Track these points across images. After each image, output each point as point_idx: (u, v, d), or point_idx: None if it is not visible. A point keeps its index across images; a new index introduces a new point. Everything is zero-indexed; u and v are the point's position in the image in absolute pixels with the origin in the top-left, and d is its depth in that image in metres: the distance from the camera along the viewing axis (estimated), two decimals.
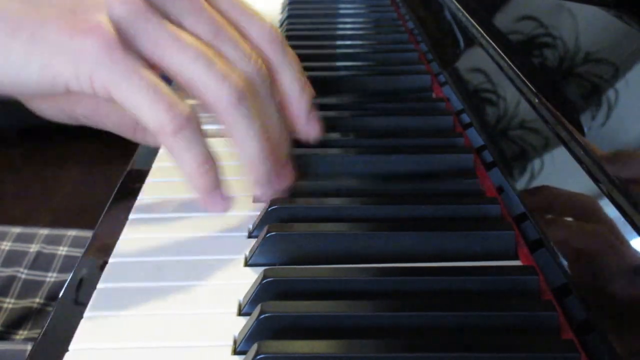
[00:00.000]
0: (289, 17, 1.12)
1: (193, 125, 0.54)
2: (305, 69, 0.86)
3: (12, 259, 0.98)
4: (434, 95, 0.83)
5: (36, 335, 0.74)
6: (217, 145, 0.58)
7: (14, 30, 0.53)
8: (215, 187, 0.56)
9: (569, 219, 0.51)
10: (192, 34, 0.57)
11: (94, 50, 0.52)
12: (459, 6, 0.82)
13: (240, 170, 0.60)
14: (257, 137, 0.57)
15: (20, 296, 0.94)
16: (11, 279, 0.96)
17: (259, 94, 0.59)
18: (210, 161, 0.55)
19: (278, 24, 1.13)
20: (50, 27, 0.53)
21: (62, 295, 0.54)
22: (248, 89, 0.57)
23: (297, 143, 0.66)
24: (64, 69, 0.53)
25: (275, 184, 0.60)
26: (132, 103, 0.53)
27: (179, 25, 0.57)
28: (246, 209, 0.60)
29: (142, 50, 0.54)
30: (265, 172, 0.59)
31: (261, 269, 0.51)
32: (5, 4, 0.54)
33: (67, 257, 0.98)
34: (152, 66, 0.55)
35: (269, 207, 0.58)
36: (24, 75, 0.53)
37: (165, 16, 0.56)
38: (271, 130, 0.60)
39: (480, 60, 0.72)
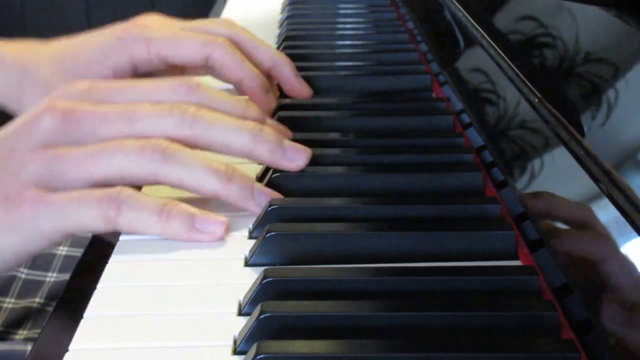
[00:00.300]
0: (288, 17, 1.12)
1: (131, 197, 0.57)
2: (306, 68, 0.86)
3: (2, 274, 0.98)
4: (434, 95, 0.83)
5: (36, 335, 0.74)
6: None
7: None
8: (191, 220, 0.57)
9: (567, 226, 0.51)
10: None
11: (31, 214, 0.57)
12: (459, 6, 0.82)
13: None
14: (204, 168, 0.59)
15: (20, 296, 0.94)
16: (11, 279, 0.95)
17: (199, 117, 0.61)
18: (165, 206, 0.57)
19: (278, 24, 1.13)
20: None
21: (62, 295, 0.55)
22: (169, 145, 0.59)
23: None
24: (16, 241, 0.58)
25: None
26: (81, 227, 0.57)
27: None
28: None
29: (70, 183, 0.58)
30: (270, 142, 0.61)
31: (261, 269, 0.51)
32: None
33: (67, 257, 0.98)
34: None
35: (269, 207, 0.58)
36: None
37: (71, 140, 0.59)
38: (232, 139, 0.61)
39: (480, 60, 0.72)
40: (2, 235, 0.57)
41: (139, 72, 0.80)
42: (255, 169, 0.67)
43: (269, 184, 0.62)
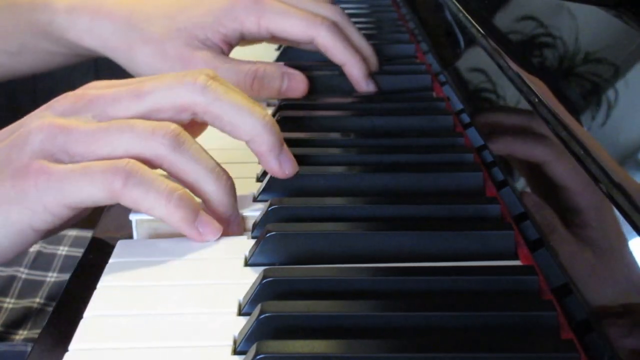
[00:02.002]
0: None
1: (138, 171, 0.55)
2: (306, 68, 0.86)
3: (12, 258, 0.98)
4: (434, 94, 0.83)
5: (36, 335, 0.74)
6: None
7: None
8: (195, 214, 0.56)
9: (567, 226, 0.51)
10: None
11: (35, 186, 0.55)
12: (459, 6, 0.82)
13: (239, 169, 0.60)
14: (208, 170, 0.58)
15: (20, 296, 0.94)
16: (11, 279, 0.96)
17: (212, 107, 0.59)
18: (176, 191, 0.55)
19: None
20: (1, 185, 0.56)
21: (62, 295, 0.55)
22: (180, 134, 0.57)
23: (296, 143, 0.66)
24: (20, 216, 0.56)
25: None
26: (85, 198, 0.55)
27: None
28: (246, 209, 0.60)
29: (76, 157, 0.57)
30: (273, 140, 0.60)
31: (261, 269, 0.51)
32: None
33: (67, 257, 0.98)
34: None
35: (269, 206, 0.58)
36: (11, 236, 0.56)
37: (81, 120, 0.58)
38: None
39: (480, 60, 0.72)
40: (8, 209, 0.56)
41: (245, 40, 0.83)
42: (256, 169, 0.67)
43: (269, 183, 0.62)
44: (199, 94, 0.58)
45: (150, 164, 0.57)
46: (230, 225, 0.58)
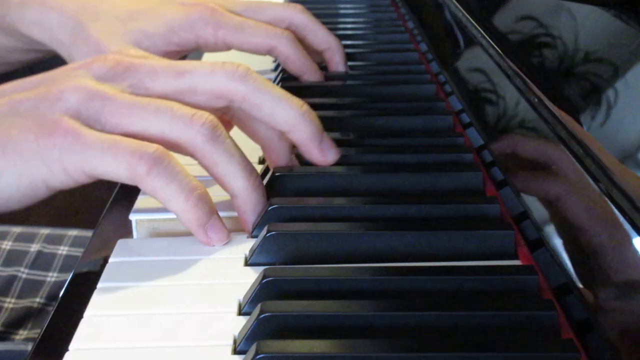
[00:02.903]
0: None
1: (165, 161, 0.54)
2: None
3: (13, 258, 0.98)
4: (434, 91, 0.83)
5: (37, 335, 0.74)
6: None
7: None
8: (209, 217, 0.56)
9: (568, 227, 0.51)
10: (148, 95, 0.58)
11: (60, 145, 0.54)
12: (458, 6, 0.82)
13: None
14: (238, 168, 0.57)
15: (20, 296, 0.94)
16: (12, 279, 0.96)
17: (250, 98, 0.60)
18: (197, 190, 0.55)
19: None
20: (16, 138, 0.55)
21: (62, 295, 0.55)
22: (217, 127, 0.57)
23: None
24: (37, 170, 0.55)
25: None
26: (105, 172, 0.55)
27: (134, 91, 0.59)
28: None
29: (107, 126, 0.56)
30: (313, 129, 0.61)
31: (261, 269, 0.51)
32: None
33: (67, 257, 0.98)
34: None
35: (269, 206, 0.58)
36: (3, 189, 0.55)
37: (118, 88, 0.58)
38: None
39: (480, 60, 0.72)
40: (25, 162, 0.55)
41: (202, 52, 0.83)
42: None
43: (270, 183, 0.62)
44: (240, 82, 0.59)
45: (181, 149, 0.57)
46: (248, 223, 0.58)
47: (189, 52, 0.84)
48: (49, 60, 0.89)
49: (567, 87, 0.57)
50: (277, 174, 0.62)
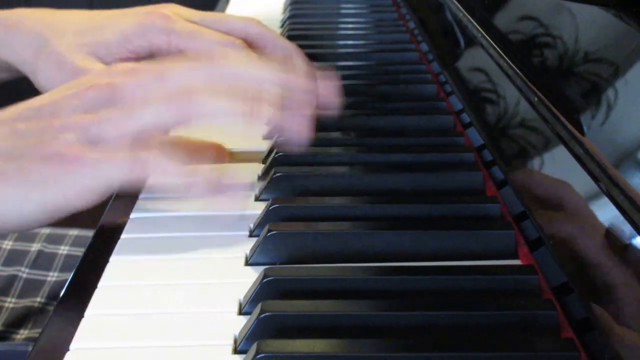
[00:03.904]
0: (290, 17, 1.12)
1: (157, 147, 0.58)
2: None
3: (13, 258, 0.98)
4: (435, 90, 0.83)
5: (37, 335, 0.74)
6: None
7: (2, 181, 0.58)
8: (215, 181, 0.58)
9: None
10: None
11: (71, 170, 0.58)
12: (459, 6, 0.82)
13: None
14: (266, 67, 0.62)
15: (21, 295, 0.94)
16: (12, 279, 0.96)
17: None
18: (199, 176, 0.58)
19: (279, 24, 1.14)
20: (29, 168, 0.58)
21: (63, 294, 0.55)
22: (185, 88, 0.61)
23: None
24: (58, 197, 0.58)
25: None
26: (118, 178, 0.58)
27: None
28: (247, 208, 0.61)
29: (112, 142, 0.60)
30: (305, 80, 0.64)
31: (262, 268, 0.51)
32: None
33: (68, 257, 0.98)
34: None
35: (270, 206, 0.58)
36: (30, 214, 0.59)
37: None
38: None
39: (480, 60, 0.72)
40: (45, 191, 0.58)
41: (155, 58, 0.83)
42: (257, 169, 0.67)
43: (270, 183, 0.62)
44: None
45: (181, 123, 0.60)
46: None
47: (145, 59, 0.84)
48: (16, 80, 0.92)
49: (567, 87, 0.57)
50: (277, 174, 0.62)
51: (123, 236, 0.58)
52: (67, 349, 0.46)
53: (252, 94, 0.61)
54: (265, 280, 0.49)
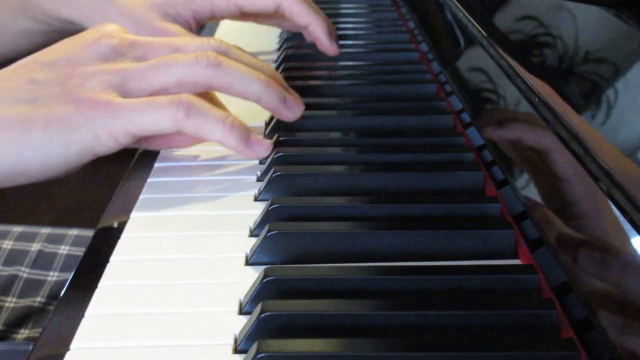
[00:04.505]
0: None
1: (198, 103, 0.63)
2: (306, 68, 0.87)
3: (14, 258, 0.98)
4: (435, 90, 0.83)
5: (38, 335, 0.74)
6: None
7: (27, 125, 0.61)
8: (248, 134, 0.65)
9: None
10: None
11: (105, 115, 0.62)
12: (459, 6, 0.82)
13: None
14: (250, 76, 0.66)
15: (21, 295, 0.94)
16: (13, 278, 0.96)
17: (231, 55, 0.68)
18: (229, 117, 0.64)
19: None
20: (57, 111, 0.62)
21: (63, 294, 0.55)
22: (218, 56, 0.66)
23: (297, 143, 0.67)
24: (86, 138, 0.62)
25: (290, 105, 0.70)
26: (150, 127, 0.63)
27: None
28: (248, 208, 0.61)
29: (133, 92, 0.64)
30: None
31: (262, 268, 0.51)
32: (7, 109, 0.62)
33: (68, 256, 0.98)
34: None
35: (270, 206, 0.58)
36: (52, 157, 0.62)
37: (127, 60, 0.66)
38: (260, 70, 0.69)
39: (480, 60, 0.72)
40: (73, 132, 0.61)
41: (215, 18, 0.91)
42: (257, 169, 0.67)
43: (270, 183, 0.62)
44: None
45: (199, 86, 0.65)
46: (283, 112, 0.69)
47: (206, 21, 0.91)
48: None
49: (567, 86, 0.57)
50: (277, 174, 0.62)
51: (123, 236, 0.58)
52: (68, 349, 0.47)
53: (265, 78, 0.67)
54: (265, 280, 0.49)
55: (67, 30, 0.92)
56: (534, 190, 0.56)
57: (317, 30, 0.89)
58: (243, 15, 0.92)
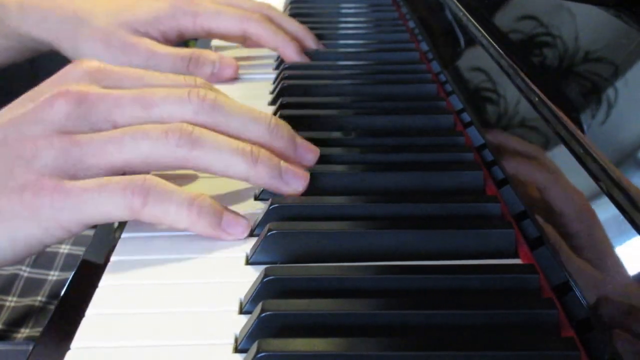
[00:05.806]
0: (290, 16, 1.12)
1: (156, 187, 0.55)
2: (306, 68, 0.87)
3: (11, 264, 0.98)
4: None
5: (38, 334, 0.74)
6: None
7: None
8: (219, 217, 0.56)
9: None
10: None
11: (51, 204, 0.54)
12: (459, 6, 0.82)
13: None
14: (232, 153, 0.58)
15: (22, 295, 0.94)
16: (13, 277, 0.96)
17: (210, 123, 0.59)
18: (195, 200, 0.55)
19: None
20: (3, 200, 0.55)
21: (64, 293, 0.55)
22: (194, 130, 0.57)
23: None
24: (31, 232, 0.55)
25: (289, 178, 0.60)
26: (104, 216, 0.55)
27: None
28: (247, 208, 0.61)
29: (90, 170, 0.56)
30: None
31: (262, 268, 0.51)
32: None
33: (69, 256, 0.98)
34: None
35: (270, 205, 0.58)
36: None
37: (87, 128, 0.58)
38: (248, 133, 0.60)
39: (480, 60, 0.72)
40: (18, 225, 0.55)
41: (184, 38, 0.92)
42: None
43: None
44: (206, 115, 0.59)
45: (171, 165, 0.57)
46: (279, 187, 0.59)
47: (175, 41, 0.92)
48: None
49: (567, 86, 0.57)
50: None
51: (124, 235, 0.58)
52: (68, 348, 0.47)
53: (253, 151, 0.58)
54: (265, 279, 0.49)
55: (41, 49, 0.95)
56: (534, 190, 0.56)
57: (286, 52, 0.91)
58: (211, 35, 0.94)
